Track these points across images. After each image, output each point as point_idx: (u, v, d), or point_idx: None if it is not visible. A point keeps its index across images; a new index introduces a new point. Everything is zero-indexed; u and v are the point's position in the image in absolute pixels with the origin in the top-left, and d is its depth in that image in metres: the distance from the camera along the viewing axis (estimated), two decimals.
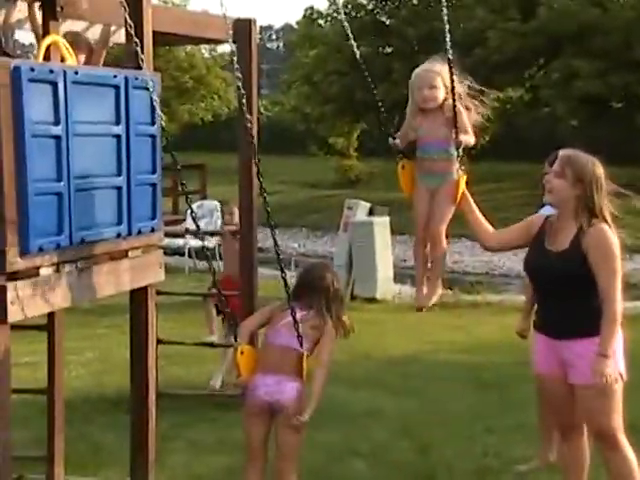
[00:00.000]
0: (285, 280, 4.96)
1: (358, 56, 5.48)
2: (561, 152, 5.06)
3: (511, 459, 6.39)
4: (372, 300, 13.90)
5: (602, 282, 4.87)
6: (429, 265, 5.38)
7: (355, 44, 5.53)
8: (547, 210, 5.27)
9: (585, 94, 28.00)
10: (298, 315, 4.95)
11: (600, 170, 4.97)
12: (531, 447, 6.51)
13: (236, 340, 5.11)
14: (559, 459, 5.44)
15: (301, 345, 4.93)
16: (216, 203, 18.32)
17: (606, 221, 4.93)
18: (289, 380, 4.96)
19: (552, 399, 5.22)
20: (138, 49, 4.95)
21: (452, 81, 5.18)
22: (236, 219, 9.30)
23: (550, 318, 5.07)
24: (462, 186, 5.31)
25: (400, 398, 8.04)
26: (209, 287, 10.17)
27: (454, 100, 5.20)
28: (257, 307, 7.30)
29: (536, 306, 5.30)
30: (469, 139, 5.30)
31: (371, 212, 15.44)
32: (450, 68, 5.17)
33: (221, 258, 17.83)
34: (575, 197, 4.92)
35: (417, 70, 5.44)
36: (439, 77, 5.28)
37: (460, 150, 5.27)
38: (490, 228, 5.33)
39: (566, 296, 4.96)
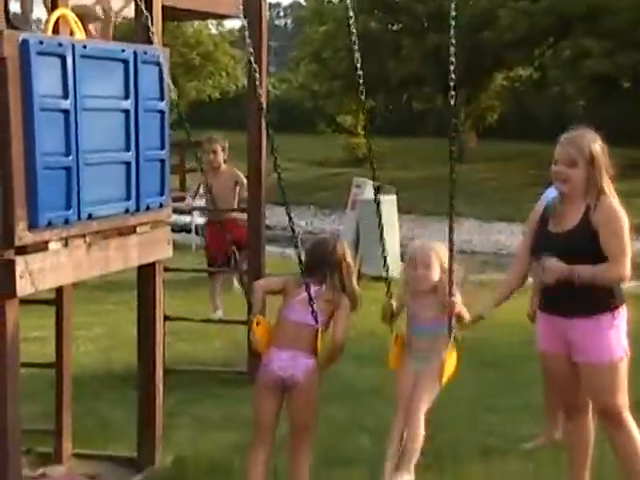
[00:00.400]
0: (299, 256, 4.95)
1: (354, 38, 5.22)
2: (567, 138, 4.98)
3: (516, 438, 6.39)
4: (379, 278, 13.89)
5: (612, 249, 4.85)
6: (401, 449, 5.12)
7: (353, 27, 5.36)
8: (552, 192, 5.25)
9: (594, 73, 27.91)
10: (312, 290, 4.94)
11: (602, 147, 4.97)
12: (536, 426, 6.51)
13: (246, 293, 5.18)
14: (564, 437, 5.44)
15: (316, 321, 4.93)
16: None
17: (612, 196, 4.94)
18: (304, 356, 4.95)
19: (556, 378, 5.22)
20: (149, 22, 4.93)
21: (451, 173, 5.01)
22: (220, 159, 9.24)
23: (556, 297, 5.05)
24: (451, 365, 5.17)
25: None
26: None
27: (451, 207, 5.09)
28: None
29: (540, 287, 5.28)
30: (465, 316, 5.27)
31: (379, 190, 15.43)
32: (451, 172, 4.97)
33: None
34: (585, 179, 4.91)
35: (416, 244, 5.41)
36: (436, 257, 5.17)
37: (453, 331, 5.16)
38: (509, 281, 5.31)
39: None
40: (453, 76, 4.89)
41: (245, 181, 8.25)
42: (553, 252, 4.97)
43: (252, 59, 5.02)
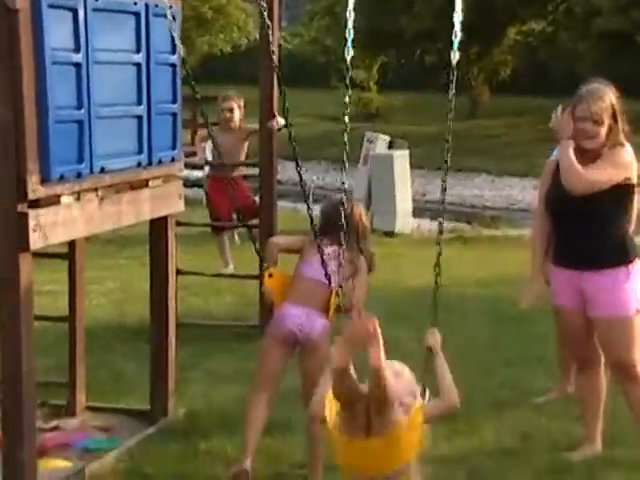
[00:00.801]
0: (311, 217, 4.92)
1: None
2: (589, 94, 4.96)
3: (529, 391, 6.42)
4: (391, 234, 13.90)
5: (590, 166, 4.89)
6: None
7: None
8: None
9: (605, 31, 27.66)
10: (329, 250, 4.91)
11: (617, 98, 4.98)
12: (549, 379, 6.53)
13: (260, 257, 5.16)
14: (576, 391, 5.46)
15: (329, 282, 4.92)
16: None
17: (621, 144, 4.95)
18: (318, 314, 4.96)
19: (570, 331, 5.23)
20: None
21: None
22: (236, 118, 9.13)
23: (571, 250, 5.05)
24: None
25: (418, 330, 8.00)
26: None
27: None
28: None
29: (554, 240, 5.26)
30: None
31: (391, 145, 15.37)
32: None
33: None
34: (607, 134, 4.92)
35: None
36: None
37: None
38: (543, 245, 5.25)
39: (587, 227, 4.95)
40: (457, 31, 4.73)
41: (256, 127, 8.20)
42: (566, 204, 4.97)
43: (265, 13, 4.96)
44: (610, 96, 4.96)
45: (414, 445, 3.77)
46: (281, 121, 7.19)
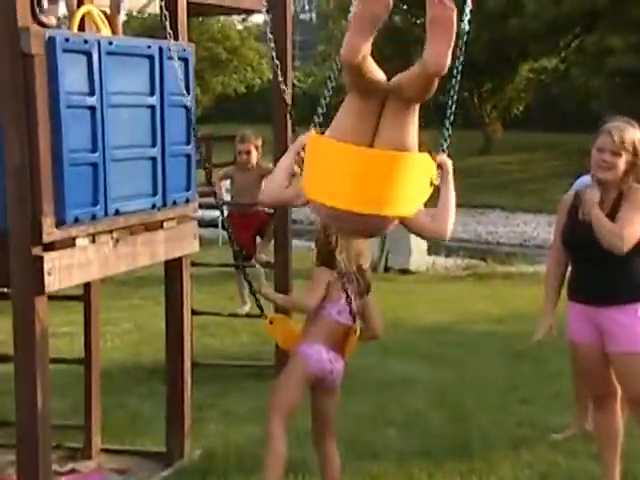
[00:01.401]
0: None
1: None
2: (611, 126, 4.97)
3: (546, 428, 6.38)
4: (406, 271, 13.90)
5: (624, 217, 4.85)
6: None
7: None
8: (584, 180, 5.23)
9: (617, 69, 27.73)
10: (350, 287, 4.95)
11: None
12: (567, 416, 6.50)
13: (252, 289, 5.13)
14: (593, 427, 5.42)
15: (354, 320, 4.97)
16: None
17: None
18: (340, 357, 5.01)
19: (587, 367, 5.20)
20: (166, 21, 4.93)
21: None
22: (253, 160, 9.14)
23: (589, 286, 5.05)
24: None
25: (434, 367, 8.05)
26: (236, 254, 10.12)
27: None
28: (291, 279, 7.30)
29: (569, 275, 5.26)
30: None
31: None
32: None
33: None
34: (625, 169, 4.93)
35: None
36: None
37: None
38: (558, 283, 5.25)
39: (605, 263, 4.94)
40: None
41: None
42: (584, 241, 4.97)
43: (274, 55, 5.00)
44: (633, 131, 4.96)
45: (407, 197, 3.57)
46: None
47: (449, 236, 3.80)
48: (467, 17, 3.80)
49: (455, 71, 3.87)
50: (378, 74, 3.50)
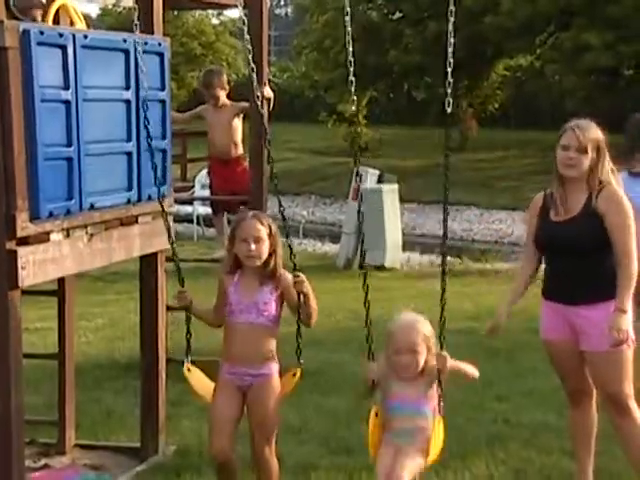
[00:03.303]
0: (291, 247, 4.88)
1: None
2: (576, 124, 5.01)
3: (520, 425, 6.40)
4: (381, 268, 13.91)
5: (619, 241, 4.89)
6: None
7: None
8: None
9: (594, 66, 27.85)
10: None
11: (604, 138, 5.02)
12: (539, 413, 6.52)
13: None
14: (568, 425, 5.44)
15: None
16: None
17: (612, 183, 4.98)
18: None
19: (562, 365, 5.22)
20: (136, 14, 4.89)
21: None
22: (223, 99, 8.86)
23: (562, 285, 5.07)
24: (438, 441, 4.58)
25: None
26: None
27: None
28: None
29: (544, 274, 5.28)
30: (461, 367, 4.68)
31: (380, 179, 15.40)
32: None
33: (229, 222, 17.86)
34: (590, 166, 4.95)
35: (398, 323, 4.68)
36: (422, 340, 4.53)
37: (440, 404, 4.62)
38: (521, 279, 5.25)
39: (579, 262, 4.97)
40: (451, 61, 4.75)
41: (246, 105, 8.10)
42: (556, 241, 5.00)
43: (250, 52, 4.97)
44: (596, 130, 5.00)
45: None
46: (270, 92, 7.08)
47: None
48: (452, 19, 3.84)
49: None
50: None
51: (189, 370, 4.92)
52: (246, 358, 4.80)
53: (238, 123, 8.76)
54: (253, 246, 4.71)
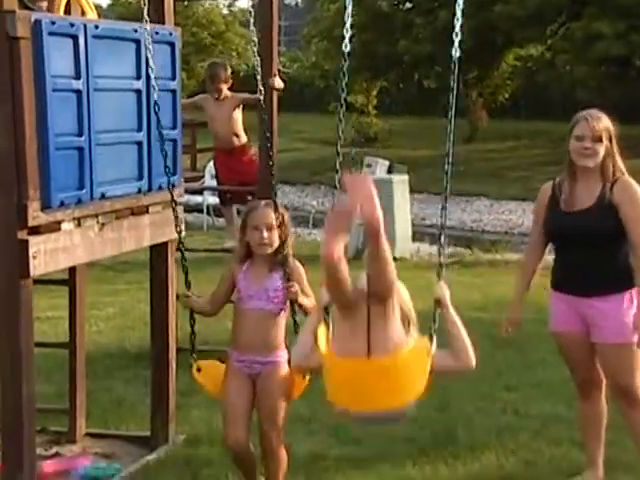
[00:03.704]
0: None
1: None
2: (589, 114, 5.00)
3: (529, 416, 6.41)
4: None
5: (634, 232, 4.89)
6: None
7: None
8: None
9: (605, 55, 27.73)
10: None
11: (613, 124, 5.04)
12: (549, 404, 6.53)
13: None
14: (578, 416, 5.44)
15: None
16: None
17: (625, 173, 4.99)
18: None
19: (572, 356, 5.22)
20: (145, 6, 4.90)
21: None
22: (225, 91, 8.84)
23: (573, 276, 5.06)
24: None
25: None
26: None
27: None
28: None
29: (553, 265, 5.27)
30: None
31: (390, 170, 15.40)
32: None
33: (239, 214, 17.87)
34: (604, 156, 4.95)
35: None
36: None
37: None
38: (527, 269, 5.24)
39: (592, 253, 4.96)
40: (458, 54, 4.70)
41: (247, 96, 8.15)
42: (568, 231, 4.99)
43: (256, 44, 4.97)
44: (607, 120, 5.01)
45: (416, 384, 3.64)
46: (280, 83, 7.09)
47: (474, 365, 3.89)
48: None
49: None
50: (348, 283, 3.52)
51: (199, 370, 4.91)
52: (255, 345, 4.80)
53: (238, 114, 8.78)
54: (265, 234, 4.73)
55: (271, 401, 4.81)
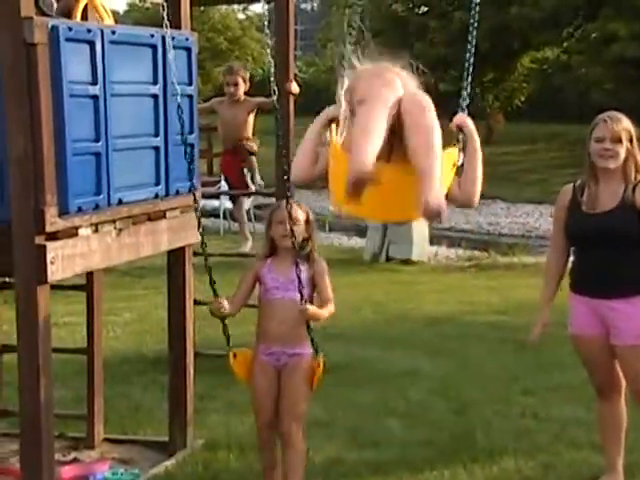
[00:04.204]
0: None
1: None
2: (609, 116, 4.99)
3: (548, 419, 6.38)
4: (408, 262, 13.87)
5: None
6: None
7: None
8: None
9: (620, 57, 27.61)
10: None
11: (633, 126, 5.04)
12: (568, 408, 6.50)
13: None
14: (597, 419, 5.41)
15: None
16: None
17: None
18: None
19: (591, 360, 5.19)
20: (164, 11, 4.90)
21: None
22: (241, 92, 8.87)
23: (593, 278, 5.04)
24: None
25: (436, 358, 8.05)
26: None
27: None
28: None
29: (572, 267, 5.25)
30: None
31: None
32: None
33: (256, 219, 17.86)
34: (625, 158, 4.93)
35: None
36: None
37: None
38: (556, 277, 5.23)
39: (614, 255, 4.94)
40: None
41: (262, 100, 8.23)
42: (590, 233, 4.97)
43: (271, 48, 4.98)
44: (627, 121, 5.00)
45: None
46: (296, 88, 7.12)
47: (476, 202, 3.80)
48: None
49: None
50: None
51: (235, 357, 4.97)
52: (282, 337, 4.90)
53: (251, 118, 8.79)
54: (289, 226, 4.81)
55: (295, 393, 4.90)
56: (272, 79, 5.20)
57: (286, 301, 4.88)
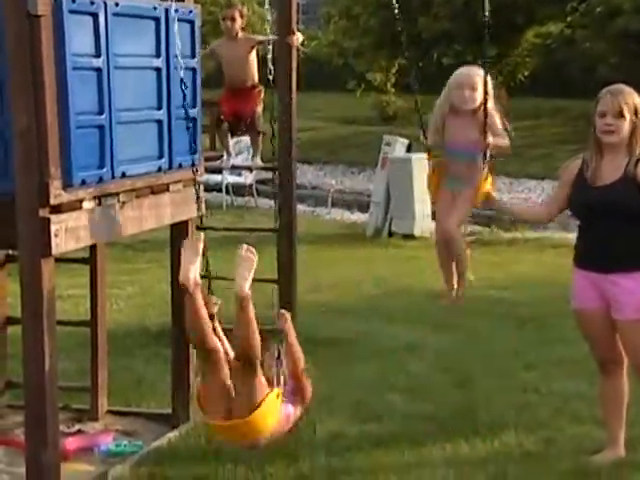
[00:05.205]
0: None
1: None
2: (612, 90, 4.98)
3: (550, 394, 6.40)
4: (410, 237, 13.87)
5: None
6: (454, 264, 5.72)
7: None
8: None
9: (625, 31, 27.48)
10: None
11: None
12: (570, 382, 6.52)
13: None
14: (599, 394, 5.43)
15: None
16: None
17: None
18: None
19: (593, 334, 5.21)
20: None
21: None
22: (238, 26, 8.69)
23: (596, 253, 5.04)
24: (485, 188, 5.38)
25: (438, 333, 8.06)
26: None
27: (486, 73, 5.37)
28: (296, 243, 7.26)
29: (576, 242, 5.26)
30: (502, 141, 5.51)
31: (409, 148, 15.32)
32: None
33: (259, 194, 17.84)
34: (629, 131, 4.93)
35: (460, 70, 5.63)
36: (480, 80, 5.44)
37: (488, 153, 5.38)
38: (536, 208, 5.36)
39: (618, 229, 4.95)
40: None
41: (262, 38, 8.09)
42: (593, 206, 4.97)
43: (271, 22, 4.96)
44: (632, 94, 4.98)
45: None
46: (300, 37, 7.01)
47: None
48: None
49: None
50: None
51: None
52: None
53: (253, 56, 8.60)
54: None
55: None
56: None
57: None
